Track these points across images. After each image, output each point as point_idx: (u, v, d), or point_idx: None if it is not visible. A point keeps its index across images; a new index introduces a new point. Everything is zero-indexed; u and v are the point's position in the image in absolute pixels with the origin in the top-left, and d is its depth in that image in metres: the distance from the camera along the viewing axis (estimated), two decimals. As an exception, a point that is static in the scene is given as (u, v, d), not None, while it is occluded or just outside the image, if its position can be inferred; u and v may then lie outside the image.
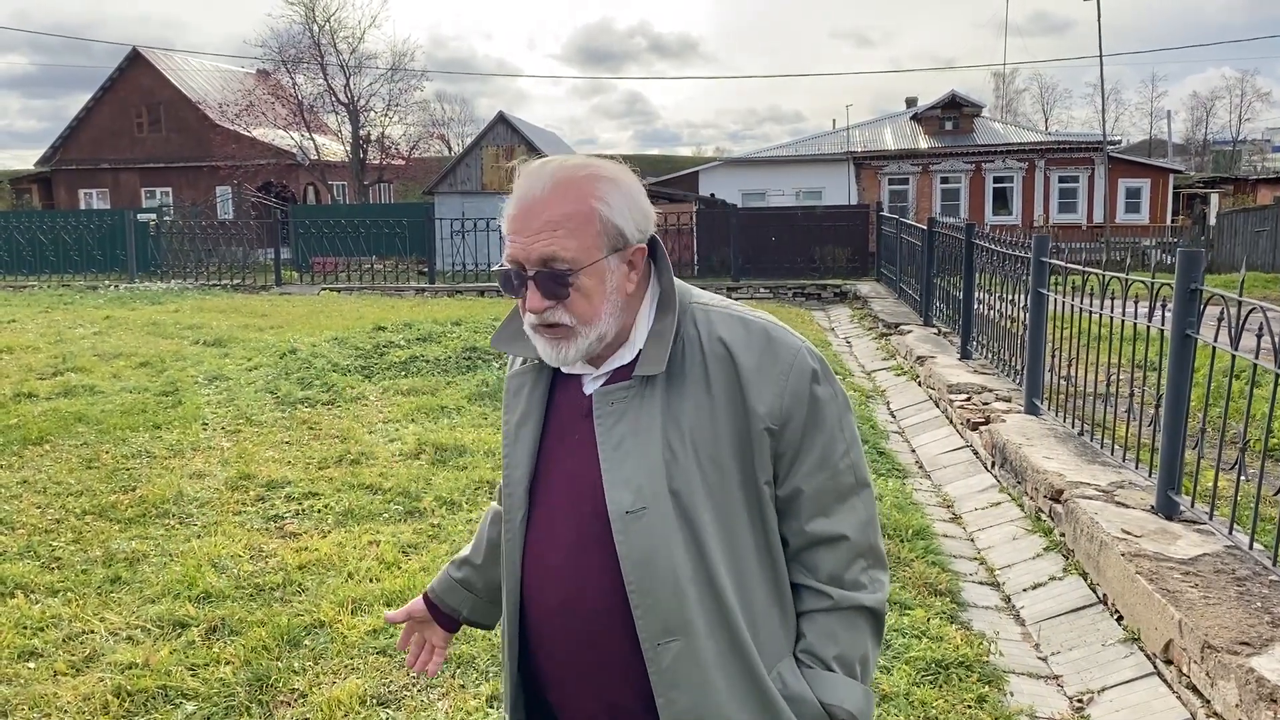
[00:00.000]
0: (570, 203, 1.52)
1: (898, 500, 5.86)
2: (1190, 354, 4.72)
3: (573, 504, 1.58)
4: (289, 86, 36.19)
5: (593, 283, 1.53)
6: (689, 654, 1.52)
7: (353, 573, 4.56)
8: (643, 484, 1.52)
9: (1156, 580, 3.92)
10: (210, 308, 15.39)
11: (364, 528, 5.19)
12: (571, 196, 1.53)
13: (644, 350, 1.57)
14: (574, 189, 1.54)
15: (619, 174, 1.60)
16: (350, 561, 4.69)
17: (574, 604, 1.57)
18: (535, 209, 1.52)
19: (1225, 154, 67.84)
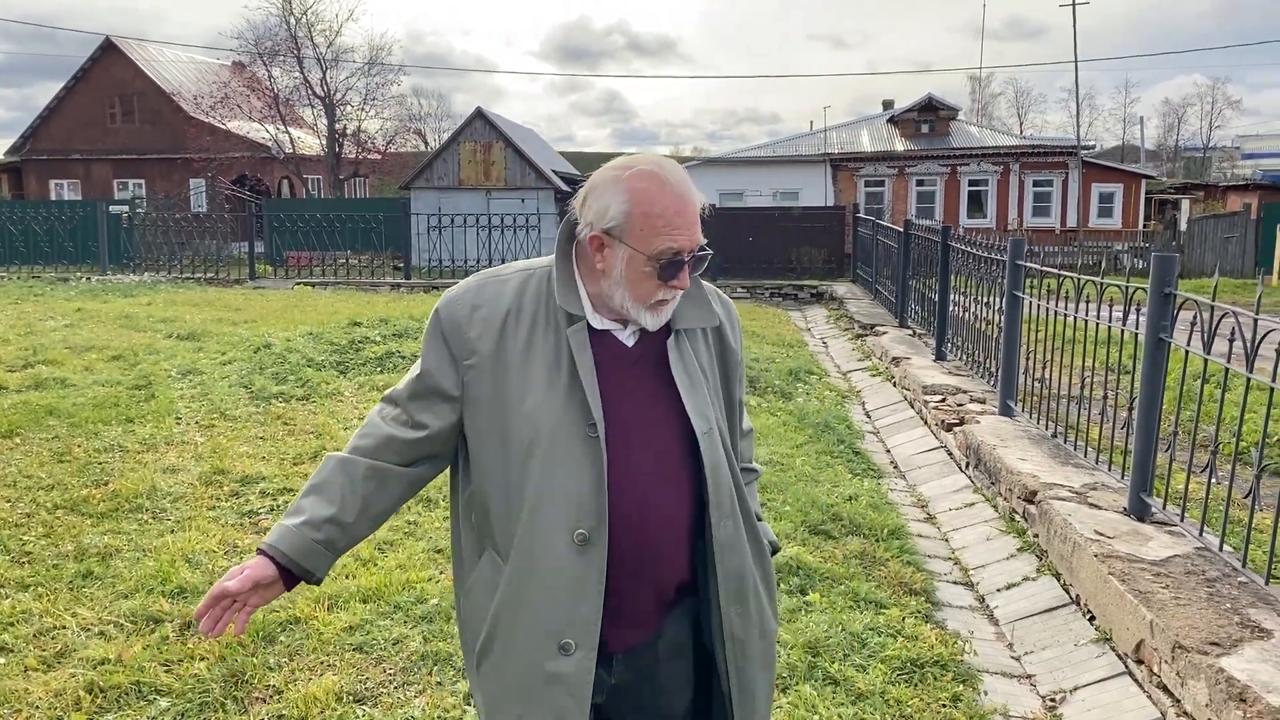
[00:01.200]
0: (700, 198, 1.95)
1: (873, 500, 5.89)
2: (1164, 358, 4.78)
3: (648, 432, 1.92)
4: (265, 79, 35.89)
5: None
6: (735, 529, 1.99)
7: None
8: (705, 410, 1.98)
9: (1128, 581, 3.96)
10: (183, 301, 15.24)
11: (340, 524, 5.15)
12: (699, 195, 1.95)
13: (681, 310, 1.97)
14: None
15: None
16: (326, 558, 4.66)
17: (661, 513, 1.92)
18: (691, 203, 1.90)
19: (1196, 160, 68.62)
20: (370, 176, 39.97)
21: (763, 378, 9.33)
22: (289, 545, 1.91)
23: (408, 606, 4.14)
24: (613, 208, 1.86)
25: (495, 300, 1.94)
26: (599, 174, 1.93)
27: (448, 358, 1.94)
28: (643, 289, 1.88)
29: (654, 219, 1.85)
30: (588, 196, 1.91)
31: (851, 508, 5.60)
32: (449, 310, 1.96)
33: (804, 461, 6.57)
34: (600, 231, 1.88)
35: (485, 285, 1.98)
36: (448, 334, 1.94)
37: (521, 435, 1.86)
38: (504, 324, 1.92)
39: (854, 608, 4.34)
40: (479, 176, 31.93)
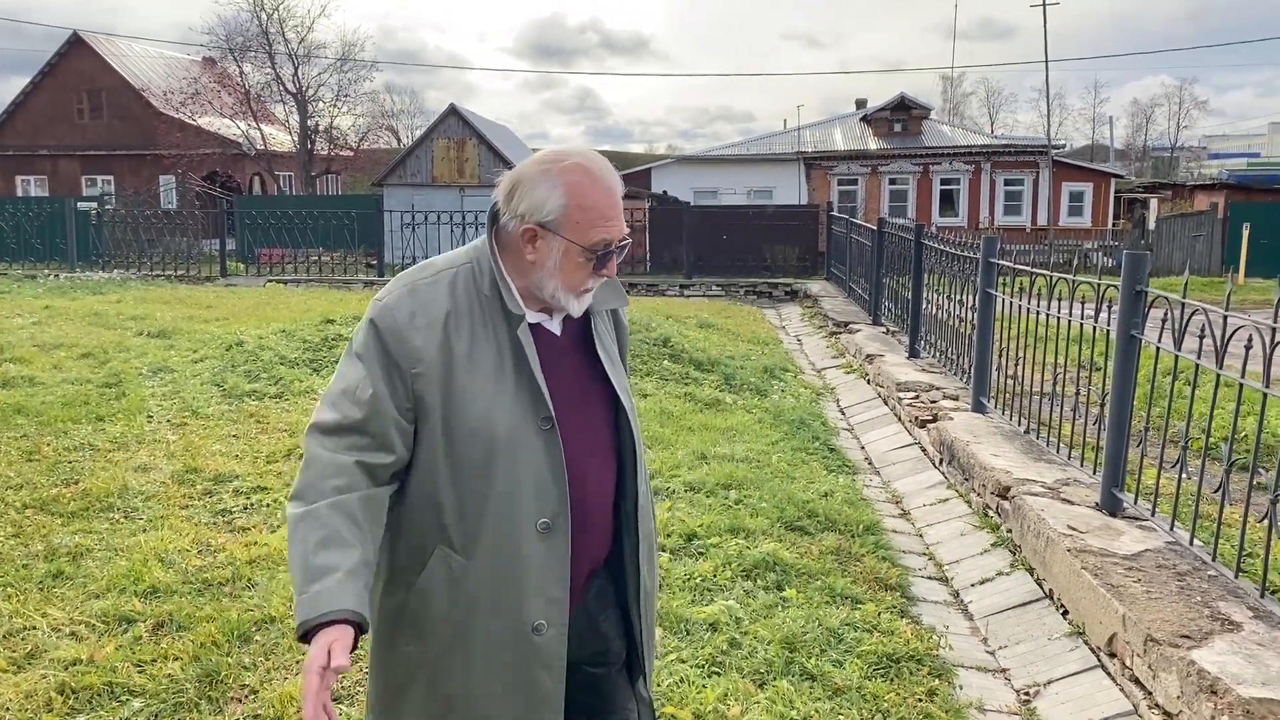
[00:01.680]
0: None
1: (848, 496, 5.92)
2: (1135, 355, 4.83)
3: (582, 415, 2.00)
4: (236, 75, 35.59)
5: None
6: (647, 495, 2.16)
7: (304, 568, 4.50)
8: (625, 386, 2.13)
9: (1101, 575, 4.00)
10: (154, 298, 15.08)
11: (314, 522, 5.12)
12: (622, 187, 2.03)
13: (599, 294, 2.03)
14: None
15: None
16: (301, 556, 4.63)
17: (598, 490, 2.03)
18: (619, 195, 1.98)
19: (1164, 160, 69.41)
20: (343, 173, 39.75)
21: (738, 375, 9.35)
22: (355, 602, 1.75)
23: (384, 605, 4.12)
24: (549, 202, 1.89)
25: (432, 304, 1.91)
26: (526, 167, 1.96)
27: (395, 369, 1.88)
28: (575, 278, 1.94)
29: (589, 212, 1.91)
30: (516, 189, 1.93)
31: (827, 504, 5.63)
32: (388, 319, 1.90)
33: (779, 458, 6.60)
34: (534, 224, 1.90)
35: (416, 289, 1.94)
36: (390, 345, 1.88)
37: (479, 436, 1.88)
38: (445, 326, 1.90)
39: (830, 603, 4.36)
40: (452, 173, 31.82)
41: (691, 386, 8.73)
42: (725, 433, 7.23)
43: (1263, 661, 3.23)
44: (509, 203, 1.93)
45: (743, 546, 4.83)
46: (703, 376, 9.20)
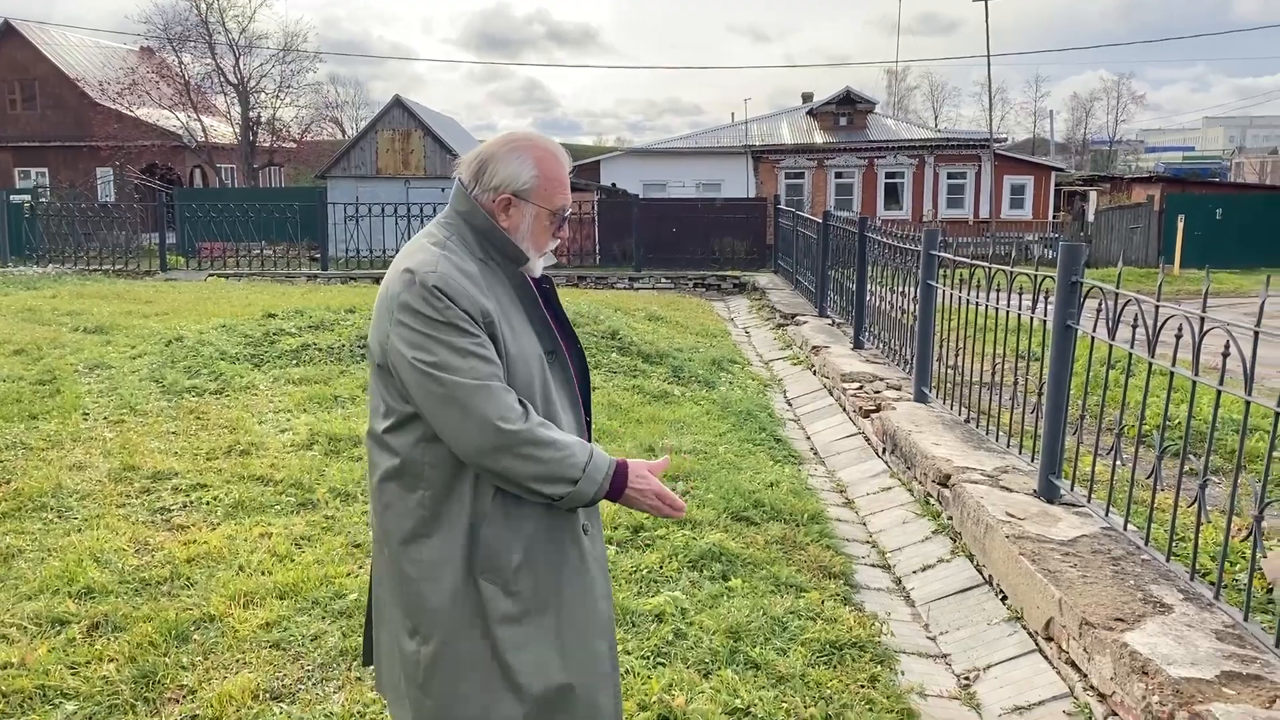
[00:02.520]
0: None
1: (793, 486, 5.96)
2: (1071, 344, 4.92)
3: (568, 351, 2.30)
4: (175, 65, 34.85)
5: None
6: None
7: (244, 565, 4.43)
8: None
9: (1038, 561, 4.08)
10: (91, 294, 14.74)
11: (255, 520, 5.04)
12: None
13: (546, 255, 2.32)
14: None
15: None
16: (241, 554, 4.56)
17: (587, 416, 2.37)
18: (568, 170, 2.29)
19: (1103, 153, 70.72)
20: (286, 165, 39.12)
21: (686, 368, 9.37)
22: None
23: (326, 602, 4.07)
24: (524, 174, 2.21)
25: (465, 264, 2.14)
26: (494, 146, 2.25)
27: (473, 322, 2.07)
28: (541, 240, 2.27)
29: (554, 181, 2.25)
30: (486, 165, 2.22)
31: (773, 494, 5.67)
32: (453, 283, 2.08)
33: (726, 449, 6.63)
34: (510, 194, 2.21)
35: (447, 256, 2.14)
36: (464, 304, 2.06)
37: (526, 369, 2.15)
38: (480, 287, 2.12)
39: (775, 592, 4.39)
40: (398, 165, 31.48)
41: (640, 379, 8.74)
42: (673, 425, 7.24)
43: (1192, 642, 3.32)
44: (479, 179, 2.22)
45: (689, 538, 4.85)
46: (651, 369, 9.21)
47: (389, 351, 2.10)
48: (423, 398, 2.06)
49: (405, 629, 2.19)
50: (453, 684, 2.16)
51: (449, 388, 2.02)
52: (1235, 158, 60.51)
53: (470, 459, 2.06)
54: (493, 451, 2.03)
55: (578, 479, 2.08)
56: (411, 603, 2.17)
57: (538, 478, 2.06)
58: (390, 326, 2.09)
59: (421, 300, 2.04)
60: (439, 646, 2.15)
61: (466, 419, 2.03)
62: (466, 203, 2.22)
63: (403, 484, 2.16)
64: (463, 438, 2.04)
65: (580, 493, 2.09)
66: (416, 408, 2.09)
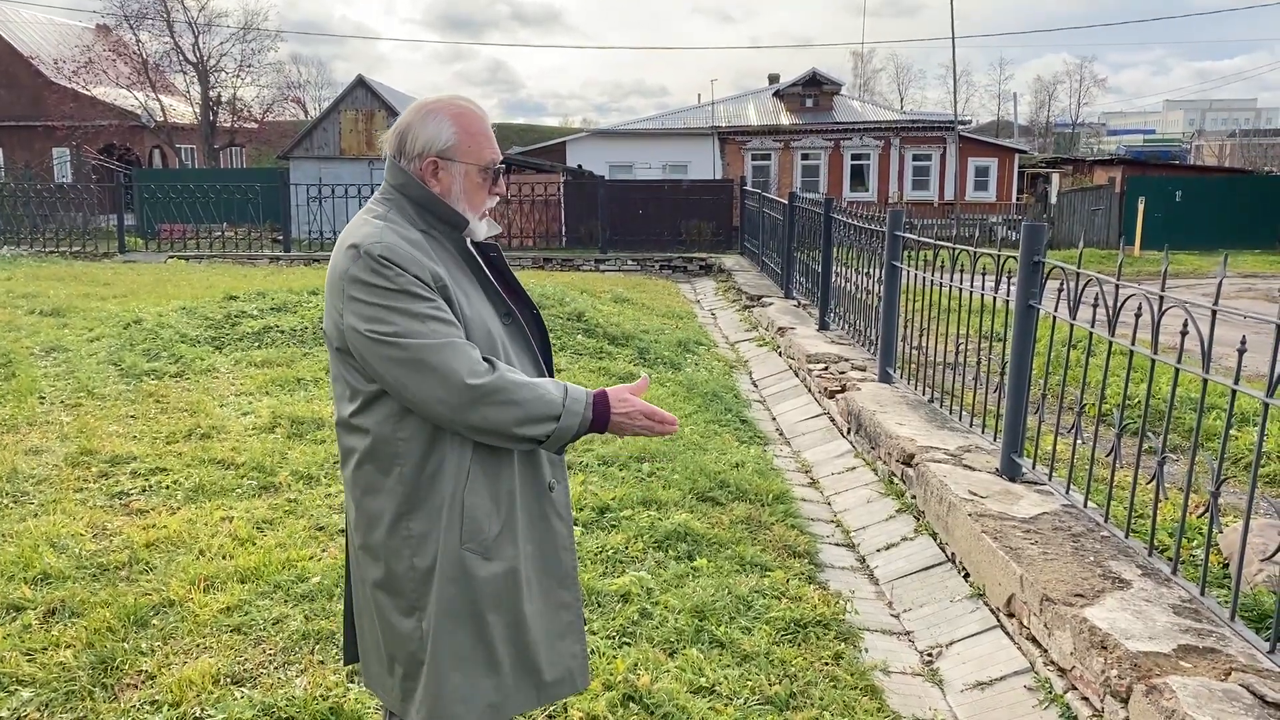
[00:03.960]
0: None
1: (759, 467, 5.98)
2: (1033, 324, 4.96)
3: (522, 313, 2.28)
4: (132, 43, 34.22)
5: None
6: None
7: (204, 550, 4.37)
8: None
9: (1000, 539, 4.11)
10: (47, 276, 14.48)
11: (216, 504, 4.98)
12: None
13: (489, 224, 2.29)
14: None
15: None
16: (201, 539, 4.50)
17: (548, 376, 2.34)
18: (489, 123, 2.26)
19: (1065, 136, 71.36)
20: (247, 146, 38.57)
21: (652, 349, 9.36)
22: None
23: (288, 585, 4.02)
24: (444, 133, 2.18)
25: (408, 235, 2.12)
26: (409, 115, 2.23)
27: (426, 286, 2.05)
28: (477, 199, 2.24)
29: (477, 136, 2.22)
30: (406, 134, 2.20)
31: (738, 475, 5.68)
32: (400, 252, 2.05)
33: (692, 430, 6.63)
34: (435, 156, 2.18)
35: (389, 228, 2.12)
36: (413, 270, 2.04)
37: (484, 335, 2.13)
38: (428, 250, 2.12)
39: (740, 571, 4.41)
40: (361, 146, 31.16)
41: (606, 361, 8.72)
42: (638, 406, 7.22)
43: (1149, 617, 3.36)
44: (403, 150, 2.20)
45: (655, 518, 4.85)
46: (617, 351, 9.19)
47: (345, 331, 2.07)
48: (387, 368, 2.03)
49: (399, 609, 2.17)
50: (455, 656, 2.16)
51: (413, 351, 2.00)
52: (1195, 140, 61.25)
53: (447, 419, 2.04)
54: (470, 405, 2.02)
55: (559, 414, 2.07)
56: (406, 581, 2.15)
57: (519, 421, 2.05)
58: (343, 304, 2.07)
59: (370, 272, 2.02)
60: (439, 620, 2.14)
61: (436, 379, 2.01)
62: (398, 174, 2.20)
63: (379, 465, 2.14)
64: (436, 398, 2.02)
65: (565, 428, 2.08)
66: (382, 382, 2.07)
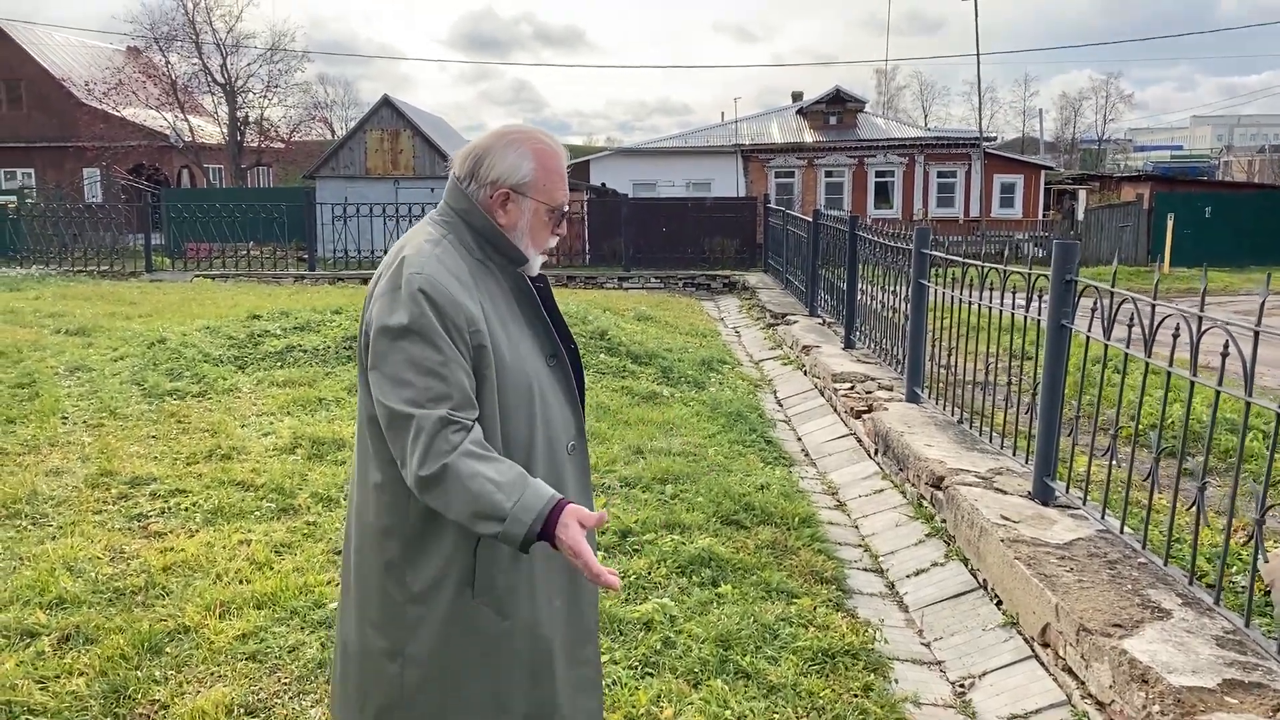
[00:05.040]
0: None
1: (784, 489, 5.87)
2: (1065, 344, 4.84)
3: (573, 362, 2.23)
4: (161, 65, 34.62)
5: None
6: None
7: (221, 574, 4.32)
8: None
9: (1034, 565, 4.00)
10: (74, 295, 14.59)
11: (234, 526, 4.93)
12: None
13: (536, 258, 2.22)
14: None
15: None
16: (219, 562, 4.45)
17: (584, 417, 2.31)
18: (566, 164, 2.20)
19: (1091, 152, 70.86)
20: (274, 166, 38.91)
21: (676, 368, 9.28)
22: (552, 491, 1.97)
23: (305, 611, 3.96)
24: (523, 167, 2.12)
25: (459, 267, 2.05)
26: (489, 140, 2.15)
27: (457, 333, 1.97)
28: (540, 237, 2.18)
29: (554, 175, 2.16)
30: (483, 159, 2.12)
31: (763, 497, 5.58)
32: (440, 289, 1.97)
33: (716, 451, 6.54)
34: (508, 188, 2.11)
35: (440, 256, 2.05)
36: (448, 311, 1.96)
37: (523, 378, 2.07)
38: (472, 288, 2.04)
39: (766, 598, 4.30)
40: (386, 165, 31.31)
41: (628, 380, 8.65)
42: (662, 426, 7.15)
43: (1192, 649, 3.24)
44: (474, 174, 2.13)
45: (678, 542, 4.76)
46: (640, 370, 9.12)
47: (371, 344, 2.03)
48: (378, 406, 1.98)
49: (383, 650, 2.09)
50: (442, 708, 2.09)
51: (393, 404, 1.93)
52: (1223, 156, 60.69)
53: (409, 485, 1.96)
54: (419, 489, 1.92)
55: (504, 518, 1.87)
56: (395, 623, 2.08)
57: (469, 515, 1.89)
58: (374, 318, 2.02)
59: (401, 302, 1.96)
60: (426, 671, 2.06)
61: (400, 445, 1.94)
62: (463, 199, 2.14)
63: (392, 492, 2.07)
64: (400, 461, 1.95)
65: (510, 535, 1.88)
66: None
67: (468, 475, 1.88)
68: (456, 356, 1.96)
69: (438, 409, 1.91)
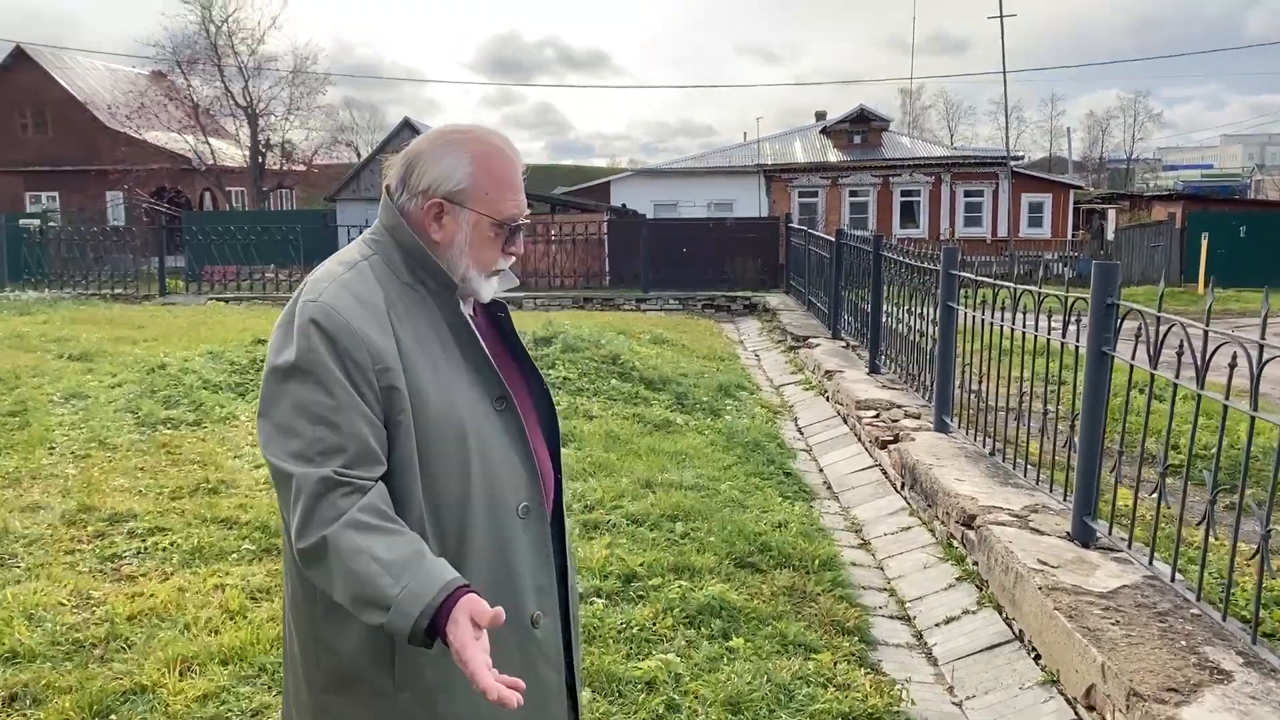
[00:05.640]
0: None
1: (804, 527, 5.49)
2: (1107, 372, 4.46)
3: (522, 394, 1.86)
4: (184, 88, 34.79)
5: None
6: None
7: (190, 624, 3.99)
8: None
9: (1076, 617, 3.62)
10: (84, 319, 14.41)
11: (211, 569, 4.60)
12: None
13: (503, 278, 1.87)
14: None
15: None
16: (189, 610, 4.12)
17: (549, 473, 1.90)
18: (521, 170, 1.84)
19: (1120, 171, 70.15)
20: (297, 188, 38.99)
21: (691, 394, 8.92)
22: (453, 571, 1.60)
23: (274, 669, 3.61)
24: (458, 173, 1.76)
25: (370, 294, 1.73)
26: (423, 141, 1.82)
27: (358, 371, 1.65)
28: (485, 255, 1.81)
29: (500, 183, 1.79)
30: (414, 166, 1.79)
31: (781, 536, 5.21)
32: (336, 319, 1.66)
33: (731, 485, 6.17)
34: (441, 197, 1.77)
35: (347, 283, 1.74)
36: (347, 346, 1.65)
37: (449, 424, 1.72)
38: (388, 318, 1.72)
39: (782, 653, 3.93)
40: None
41: (641, 407, 8.30)
42: (674, 457, 6.79)
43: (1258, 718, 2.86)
44: (406, 182, 1.80)
45: (687, 588, 4.39)
46: (653, 396, 8.77)
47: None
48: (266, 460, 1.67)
49: None
50: None
51: (275, 459, 1.63)
52: (1255, 175, 59.84)
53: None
54: (300, 558, 1.61)
55: (388, 606, 1.53)
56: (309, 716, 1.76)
57: (350, 599, 1.57)
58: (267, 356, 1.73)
59: (291, 337, 1.66)
60: None
61: (284, 508, 1.63)
62: (391, 213, 1.81)
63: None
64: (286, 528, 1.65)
65: (393, 627, 1.54)
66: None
67: (349, 552, 1.54)
68: (354, 401, 1.64)
69: (323, 467, 1.60)
